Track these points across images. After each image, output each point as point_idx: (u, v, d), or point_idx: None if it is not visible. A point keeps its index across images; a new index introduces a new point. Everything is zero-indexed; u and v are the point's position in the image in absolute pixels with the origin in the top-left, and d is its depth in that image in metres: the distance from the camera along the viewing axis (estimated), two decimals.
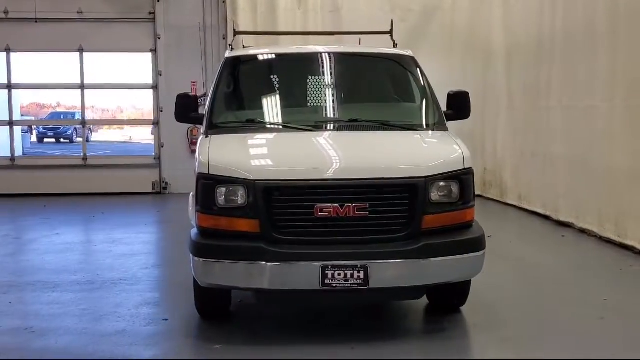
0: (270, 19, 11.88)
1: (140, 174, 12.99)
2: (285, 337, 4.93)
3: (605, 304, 5.69)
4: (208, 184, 4.73)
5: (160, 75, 12.78)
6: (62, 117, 32.87)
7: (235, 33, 7.12)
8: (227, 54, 6.09)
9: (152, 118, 13.23)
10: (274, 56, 6.14)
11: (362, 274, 4.51)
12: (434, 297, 5.47)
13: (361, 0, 12.03)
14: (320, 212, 4.56)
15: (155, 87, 12.91)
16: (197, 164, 5.01)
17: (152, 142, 13.78)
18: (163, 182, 12.93)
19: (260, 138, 5.19)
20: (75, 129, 31.26)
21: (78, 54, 12.73)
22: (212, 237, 4.73)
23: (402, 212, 4.63)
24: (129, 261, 7.40)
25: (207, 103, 5.77)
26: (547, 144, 9.87)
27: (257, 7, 11.93)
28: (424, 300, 5.49)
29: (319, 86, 5.83)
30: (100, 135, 33.93)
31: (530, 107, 10.43)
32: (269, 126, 5.46)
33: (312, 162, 4.75)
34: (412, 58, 6.10)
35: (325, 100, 5.75)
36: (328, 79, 5.87)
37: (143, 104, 13.36)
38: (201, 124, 5.83)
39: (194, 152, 12.60)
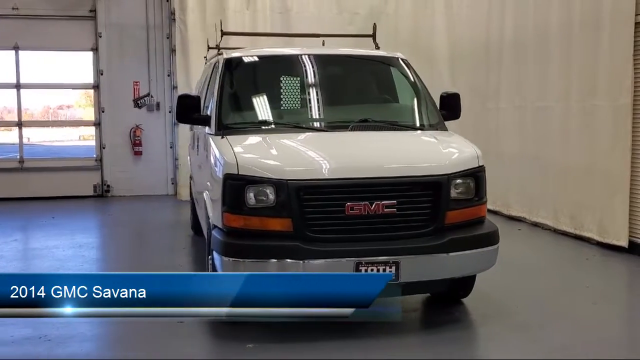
0: (219, 18, 11.70)
1: (80, 176, 12.53)
2: (310, 334, 4.99)
3: (590, 290, 6.15)
4: (237, 184, 4.76)
5: (102, 74, 12.40)
6: None
7: (223, 34, 7.09)
8: (226, 55, 6.09)
9: (93, 119, 12.81)
10: (276, 57, 6.21)
11: (393, 269, 4.70)
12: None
13: (310, 3, 12.14)
14: (350, 210, 4.72)
15: (96, 86, 12.51)
16: (220, 164, 5.02)
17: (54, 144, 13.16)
18: (105, 184, 12.55)
19: (281, 138, 5.22)
20: None
21: (13, 52, 12.14)
22: (242, 237, 4.77)
23: (427, 208, 4.85)
24: (108, 265, 7.25)
25: (212, 104, 5.76)
26: (497, 143, 10.38)
27: (206, 7, 11.80)
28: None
29: (324, 86, 5.93)
30: None
31: (479, 109, 10.92)
32: (283, 127, 5.54)
33: (342, 161, 4.88)
34: (405, 60, 6.35)
35: (333, 101, 5.88)
36: (332, 79, 6.03)
37: (32, 103, 12.59)
38: (204, 124, 5.83)
39: (137, 153, 12.62)
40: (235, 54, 6.12)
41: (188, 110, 5.74)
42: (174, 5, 12.12)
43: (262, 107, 5.80)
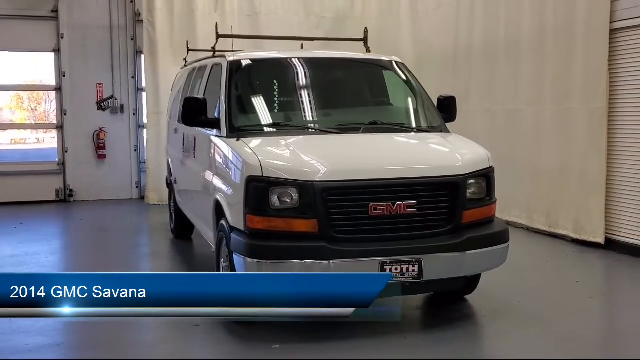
0: (187, 20, 11.66)
1: (42, 181, 12.14)
2: (334, 333, 5.05)
3: (582, 285, 6.43)
4: (262, 186, 4.80)
5: (64, 76, 12.08)
6: None
7: (218, 36, 7.06)
8: (230, 58, 6.08)
9: (55, 121, 12.46)
10: (281, 60, 6.22)
11: (416, 268, 4.83)
12: None
13: (278, 6, 12.16)
14: (374, 210, 4.82)
15: (58, 89, 12.19)
16: (239, 167, 5.04)
17: None
18: (68, 189, 12.22)
19: (297, 141, 5.28)
20: None
21: None
22: (266, 238, 4.80)
23: (446, 208, 5.00)
24: (98, 271, 7.06)
25: (220, 107, 5.74)
26: None
27: (174, 9, 11.66)
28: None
29: (330, 89, 6.04)
30: None
31: None
32: (294, 129, 5.58)
33: (364, 163, 4.99)
34: (403, 64, 6.51)
35: (340, 103, 5.98)
36: (338, 82, 6.14)
37: None
38: (212, 127, 5.81)
39: (100, 157, 12.35)
40: (239, 56, 6.09)
41: (195, 113, 5.73)
42: (139, 7, 11.96)
43: (271, 109, 5.83)
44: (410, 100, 6.25)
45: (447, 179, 5.00)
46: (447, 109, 6.25)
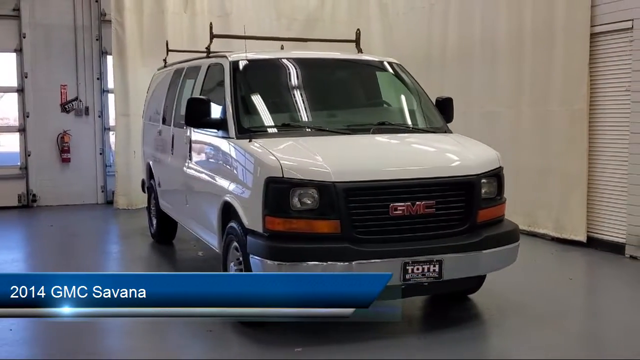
0: (157, 20, 11.43)
1: (3, 186, 11.72)
2: (354, 335, 5.00)
3: (576, 282, 6.60)
4: (282, 187, 4.73)
5: (26, 77, 11.66)
6: None
7: (212, 36, 6.92)
8: (232, 58, 5.97)
9: (17, 124, 12.01)
10: (286, 60, 6.14)
11: (437, 267, 4.85)
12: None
13: (249, 7, 12.07)
14: (394, 210, 4.82)
15: (20, 90, 11.75)
16: (254, 168, 4.97)
17: None
18: (31, 194, 11.79)
19: (311, 141, 5.22)
20: None
21: None
22: (286, 240, 4.74)
23: (462, 207, 5.04)
24: None
25: (226, 108, 5.63)
26: None
27: (143, 8, 11.41)
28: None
29: (335, 90, 6.02)
30: None
31: None
32: (305, 130, 5.53)
33: (384, 163, 4.98)
34: (402, 66, 6.53)
35: (346, 104, 5.96)
36: (342, 83, 6.11)
37: None
38: (218, 128, 5.70)
39: (65, 160, 11.97)
40: (241, 56, 5.98)
41: (200, 114, 5.62)
42: (105, 6, 11.69)
43: (279, 110, 5.76)
44: (413, 101, 6.27)
45: (465, 178, 5.04)
46: (444, 110, 6.31)
